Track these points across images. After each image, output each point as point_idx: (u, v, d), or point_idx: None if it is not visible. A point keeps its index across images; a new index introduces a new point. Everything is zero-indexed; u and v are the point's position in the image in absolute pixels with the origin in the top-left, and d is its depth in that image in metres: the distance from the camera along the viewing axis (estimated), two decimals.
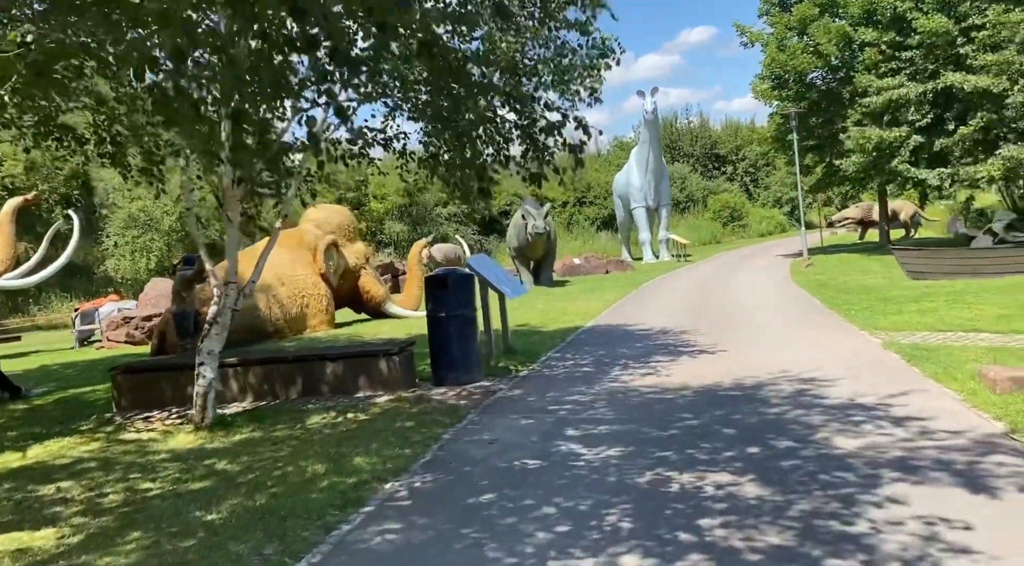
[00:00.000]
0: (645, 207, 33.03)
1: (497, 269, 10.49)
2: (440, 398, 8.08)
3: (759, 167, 57.51)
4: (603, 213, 45.08)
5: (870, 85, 22.86)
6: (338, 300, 17.21)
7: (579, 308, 16.27)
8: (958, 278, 14.66)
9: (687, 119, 60.08)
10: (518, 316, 15.39)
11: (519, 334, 12.59)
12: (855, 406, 6.17)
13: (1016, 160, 19.77)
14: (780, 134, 28.38)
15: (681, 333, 11.34)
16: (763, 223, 52.03)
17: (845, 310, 12.05)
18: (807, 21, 25.13)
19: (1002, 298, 11.72)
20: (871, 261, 22.48)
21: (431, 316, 8.78)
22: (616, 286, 21.50)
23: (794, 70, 25.58)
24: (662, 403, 6.95)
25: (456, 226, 38.10)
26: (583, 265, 29.32)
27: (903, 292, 13.64)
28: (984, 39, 20.64)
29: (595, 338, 11.79)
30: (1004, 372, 6.04)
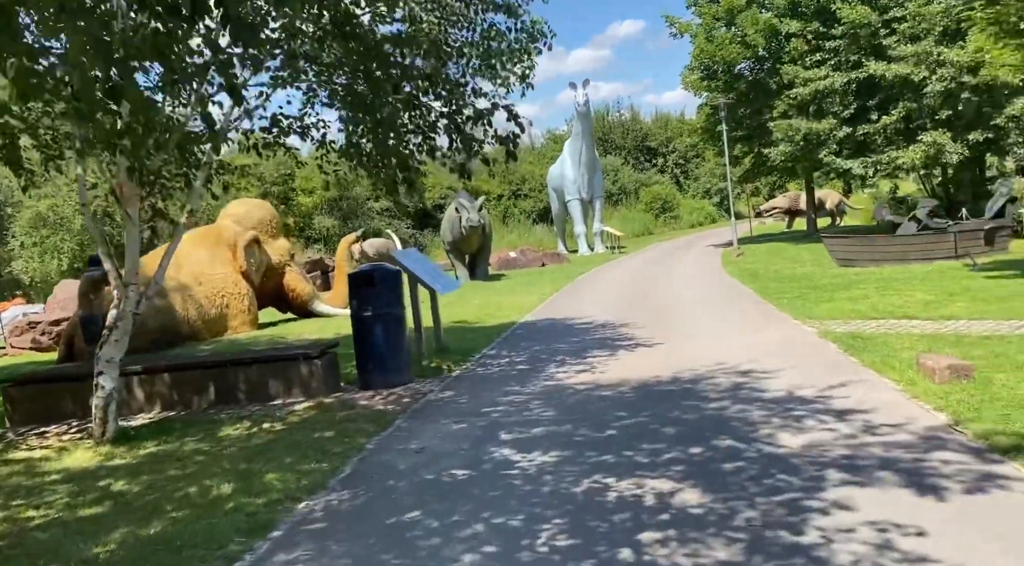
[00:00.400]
0: (579, 199, 32.95)
1: (427, 264, 10.03)
2: (366, 403, 7.61)
3: (689, 159, 58.32)
4: (538, 206, 44.91)
5: (796, 76, 23.17)
6: (261, 299, 16.45)
7: (515, 302, 15.93)
8: (885, 265, 14.89)
9: (619, 112, 60.50)
10: (453, 312, 14.96)
11: (453, 331, 12.17)
12: (795, 399, 5.97)
13: (936, 146, 20.30)
14: (710, 125, 28.62)
15: (618, 326, 11.10)
16: (694, 214, 52.80)
17: (778, 299, 12.03)
18: (735, 12, 25.33)
19: (928, 284, 11.88)
20: (800, 249, 22.83)
21: (355, 316, 8.27)
22: (552, 279, 21.27)
23: (723, 60, 25.77)
24: (599, 401, 6.65)
25: (388, 220, 37.29)
26: (519, 258, 29.03)
27: (833, 280, 13.75)
28: (905, 30, 21.11)
29: (531, 333, 11.46)
30: (942, 361, 5.93)
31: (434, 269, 10.07)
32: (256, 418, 7.34)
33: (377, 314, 8.14)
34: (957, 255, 14.77)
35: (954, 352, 6.81)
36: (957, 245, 14.81)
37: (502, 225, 43.15)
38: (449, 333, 11.64)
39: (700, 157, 57.76)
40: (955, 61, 19.99)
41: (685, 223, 50.81)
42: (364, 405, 7.50)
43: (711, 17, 26.34)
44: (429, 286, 9.41)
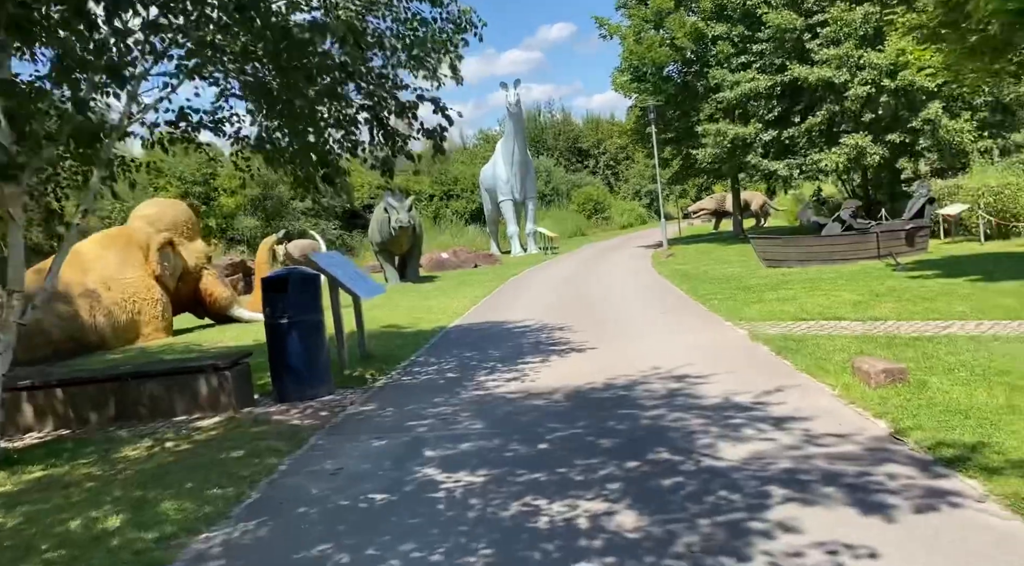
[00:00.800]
0: (512, 200, 32.71)
1: (349, 267, 9.51)
2: (280, 418, 7.07)
3: (619, 160, 58.95)
4: (471, 207, 44.49)
5: (723, 79, 23.43)
6: (177, 304, 15.56)
7: (446, 305, 15.50)
8: (811, 265, 15.06)
9: (550, 113, 60.67)
10: (380, 316, 14.44)
11: (380, 337, 11.67)
12: (732, 406, 5.76)
13: (858, 149, 20.79)
14: (639, 127, 28.78)
15: (551, 329, 10.81)
16: (625, 215, 53.31)
17: (709, 300, 11.96)
18: (663, 14, 25.49)
19: (854, 284, 12.00)
20: (728, 250, 23.09)
21: (269, 323, 7.72)
22: (485, 280, 20.91)
23: (652, 63, 25.89)
24: (531, 412, 6.30)
25: (314, 221, 36.28)
26: (451, 259, 28.58)
27: (761, 281, 13.80)
28: (828, 34, 21.56)
29: (462, 338, 11.06)
30: (877, 365, 5.80)
31: (357, 272, 9.56)
32: (158, 437, 6.73)
33: (292, 321, 7.60)
34: (880, 255, 15.06)
35: (886, 354, 6.74)
36: (880, 245, 15.10)
37: (434, 226, 42.57)
38: (375, 339, 11.15)
39: (630, 159, 58.45)
40: (875, 63, 20.52)
41: (616, 224, 51.24)
42: (278, 420, 6.96)
43: (640, 19, 26.44)
44: (350, 291, 8.90)
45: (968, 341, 7.01)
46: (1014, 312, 8.24)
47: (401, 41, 7.29)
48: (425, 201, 45.36)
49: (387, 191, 24.12)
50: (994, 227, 16.75)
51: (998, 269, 11.89)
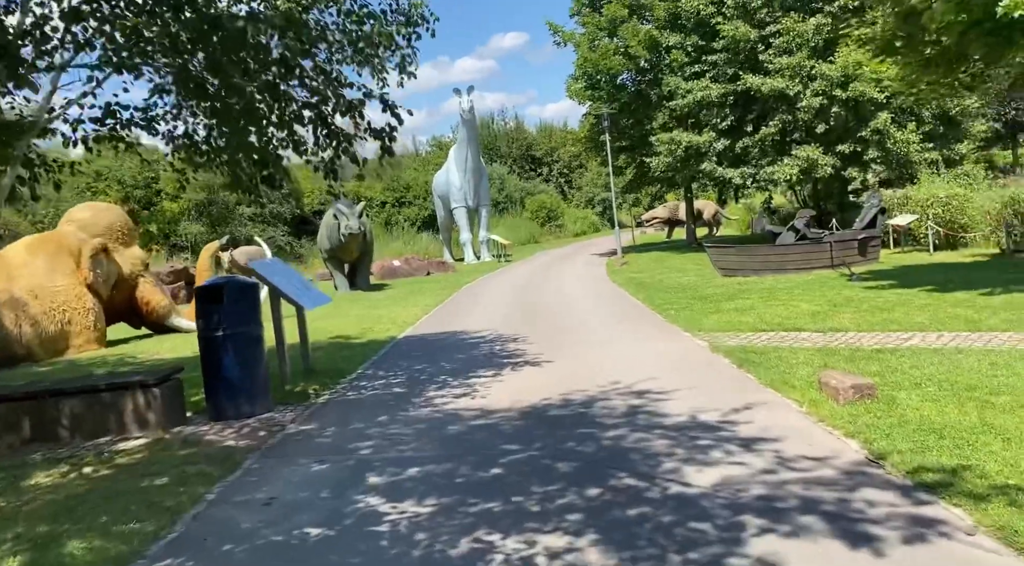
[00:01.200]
0: (465, 207, 32.31)
1: (292, 276, 8.99)
2: (213, 438, 6.54)
3: (573, 168, 59.01)
4: (423, 214, 43.96)
5: (677, 87, 23.45)
6: (111, 314, 14.77)
7: (397, 314, 15.01)
8: (766, 274, 15.00)
9: (504, 121, 60.46)
10: (327, 326, 13.89)
11: (327, 348, 11.15)
12: (697, 425, 5.45)
13: (809, 161, 20.96)
14: (593, 134, 28.68)
15: (505, 340, 10.43)
16: (578, 223, 53.32)
17: (666, 310, 11.74)
18: (617, 22, 25.45)
19: (811, 294, 11.91)
20: (682, 259, 23.06)
21: (203, 336, 7.17)
22: (437, 289, 20.45)
23: (606, 70, 25.82)
24: (484, 431, 5.91)
25: (262, 227, 35.32)
26: (403, 267, 28.02)
27: (717, 290, 13.66)
28: (780, 45, 21.74)
29: (412, 349, 10.60)
30: (845, 380, 5.57)
31: (301, 281, 9.04)
32: (76, 461, 6.14)
33: (229, 333, 7.07)
34: (833, 265, 15.08)
35: (849, 368, 6.54)
36: (833, 255, 15.12)
37: (386, 233, 41.90)
38: (320, 351, 10.63)
39: (583, 167, 58.56)
40: (827, 74, 20.73)
41: (569, 232, 51.19)
42: (210, 441, 6.43)
43: (594, 27, 26.38)
44: (293, 301, 8.39)
45: (932, 354, 6.85)
46: (972, 323, 8.16)
47: (347, 36, 6.85)
48: (377, 208, 44.67)
49: (337, 197, 23.49)
50: (942, 237, 16.97)
51: (950, 279, 11.93)
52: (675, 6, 24.30)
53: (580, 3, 27.86)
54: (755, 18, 22.32)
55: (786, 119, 21.88)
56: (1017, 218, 14.55)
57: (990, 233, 15.50)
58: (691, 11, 23.53)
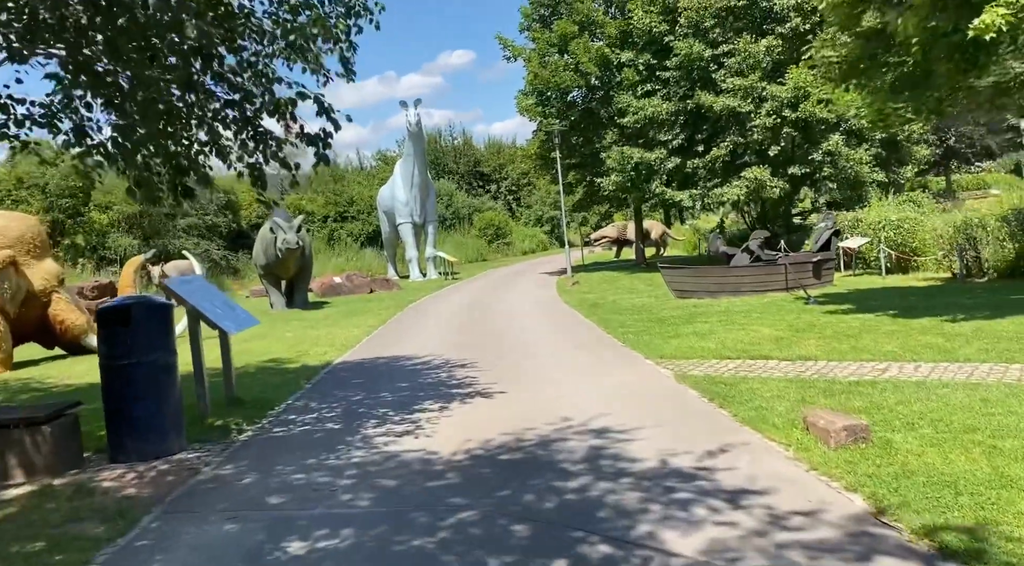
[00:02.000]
0: (411, 223, 31.45)
1: (214, 295, 8.07)
2: (111, 485, 5.60)
3: (521, 186, 58.68)
4: (368, 229, 42.85)
5: (629, 105, 23.14)
6: (19, 333, 13.48)
7: (336, 336, 14.09)
8: (721, 296, 14.60)
9: (451, 137, 59.82)
10: (259, 348, 12.91)
11: (256, 374, 10.20)
12: (671, 473, 4.79)
13: (758, 182, 20.81)
14: (544, 151, 28.21)
15: (452, 367, 9.66)
16: (526, 241, 52.91)
17: (622, 333, 11.15)
18: (568, 38, 25.10)
19: (770, 317, 11.48)
20: (632, 279, 22.66)
21: (105, 365, 6.23)
22: (380, 308, 19.54)
23: (557, 87, 25.42)
24: (429, 479, 5.13)
25: (196, 240, 33.76)
26: (344, 284, 26.98)
27: (674, 312, 13.15)
28: (733, 65, 21.62)
29: (350, 377, 9.74)
30: (835, 420, 4.98)
31: (224, 302, 8.12)
32: None
33: (135, 362, 6.15)
34: (788, 287, 14.76)
35: (830, 403, 5.99)
36: (788, 277, 14.82)
37: (328, 248, 40.70)
38: (248, 378, 9.70)
39: (532, 185, 58.29)
40: (777, 95, 20.66)
41: (518, 250, 50.71)
42: (107, 490, 5.49)
43: (544, 43, 25.98)
44: (213, 324, 7.47)
45: (915, 388, 6.36)
46: (947, 353, 7.75)
47: (280, 26, 6.05)
48: (319, 222, 43.42)
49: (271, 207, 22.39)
50: (894, 261, 16.87)
51: (909, 304, 11.65)
52: (627, 24, 24.08)
53: (530, 19, 27.49)
54: (708, 37, 22.19)
55: (737, 141, 21.74)
56: (970, 243, 14.47)
57: (943, 258, 15.40)
58: (643, 29, 23.31)
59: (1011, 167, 55.31)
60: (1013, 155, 53.45)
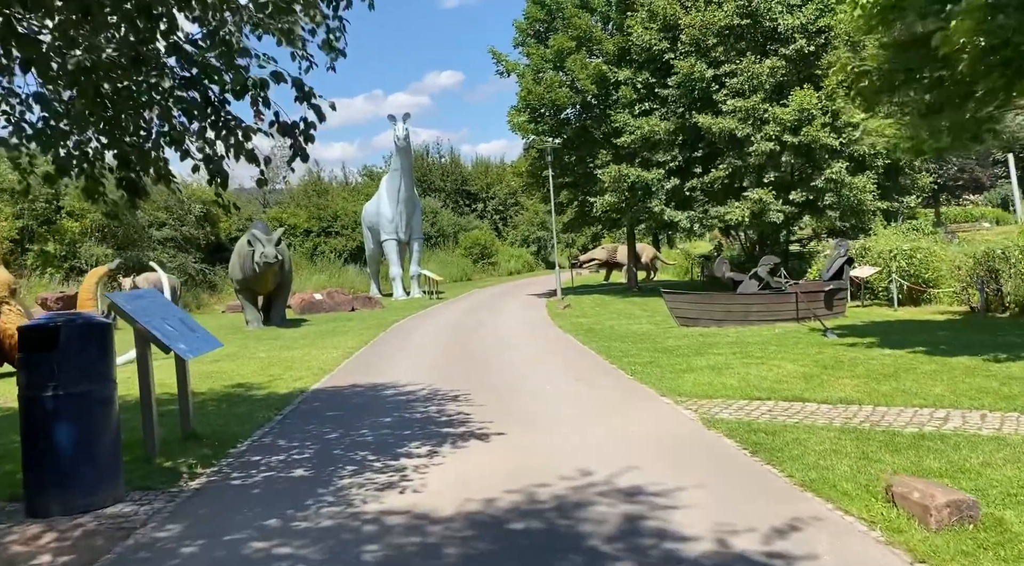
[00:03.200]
0: (396, 240, 30.39)
1: (170, 312, 6.94)
2: (21, 550, 4.47)
3: (508, 206, 57.83)
4: (351, 244, 41.68)
5: (626, 123, 22.32)
6: None
7: (312, 358, 12.96)
8: (727, 325, 13.66)
9: (439, 154, 58.93)
10: (228, 370, 11.78)
11: (220, 401, 9.08)
12: (736, 559, 3.75)
13: (761, 204, 20.00)
14: (535, 169, 27.34)
15: (441, 399, 8.59)
16: (512, 261, 51.96)
17: (628, 364, 10.14)
18: (564, 54, 24.32)
19: (790, 351, 10.52)
20: (626, 303, 21.71)
21: (24, 397, 5.12)
22: (362, 327, 18.42)
23: (551, 103, 24.60)
24: (418, 556, 4.06)
25: (173, 251, 32.44)
26: (325, 301, 25.83)
27: (680, 342, 12.17)
28: (734, 86, 20.88)
29: (325, 407, 8.63)
30: (934, 493, 3.98)
31: (182, 320, 7.00)
32: None
33: (63, 394, 5.05)
34: (799, 317, 13.87)
35: (899, 462, 5.01)
36: (799, 307, 13.91)
37: (310, 263, 39.48)
38: (211, 407, 8.57)
39: (519, 205, 57.45)
40: (780, 117, 19.93)
41: (503, 270, 49.72)
42: (14, 557, 4.36)
43: (539, 58, 25.20)
44: (166, 347, 6.36)
45: (993, 444, 5.39)
46: (1007, 398, 6.80)
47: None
48: (301, 236, 42.19)
49: (254, 221, 21.29)
50: (905, 292, 16.03)
51: (937, 340, 10.75)
52: (626, 40, 23.34)
53: (524, 34, 26.72)
54: (710, 56, 21.46)
55: (736, 164, 20.94)
56: (991, 275, 13.65)
57: (962, 290, 14.56)
58: (643, 46, 22.56)
59: (997, 201, 55.31)
60: (1002, 188, 53.39)
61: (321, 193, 48.09)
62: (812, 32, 21.04)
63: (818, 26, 21.01)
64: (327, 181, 52.65)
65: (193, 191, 36.80)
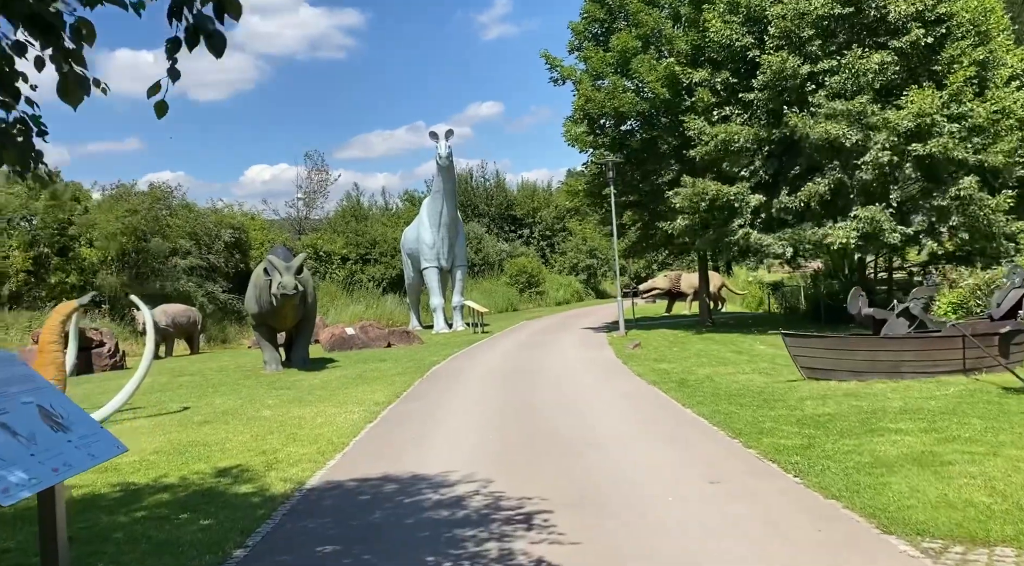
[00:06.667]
0: (438, 267, 27.53)
1: (19, 397, 3.91)
2: None
3: (556, 231, 54.83)
4: (391, 273, 39.05)
5: (702, 132, 19.10)
6: None
7: (326, 421, 9.96)
8: (872, 379, 10.28)
9: (483, 177, 56.25)
10: (214, 439, 8.84)
11: (169, 506, 6.06)
12: None
13: (875, 223, 16.54)
14: (593, 188, 24.24)
15: (503, 521, 5.43)
16: (560, 290, 48.82)
17: (776, 451, 6.87)
18: (628, 55, 21.31)
19: (1003, 425, 7.13)
20: (707, 342, 18.33)
21: None
22: (395, 371, 15.41)
23: (613, 111, 21.55)
24: None
25: (199, 281, 30.03)
26: (357, 337, 22.96)
27: (825, 407, 8.84)
28: (834, 85, 17.57)
29: (324, 528, 5.53)
30: None
31: (44, 409, 3.96)
32: None
33: None
34: (966, 368, 10.42)
35: None
36: (966, 354, 10.46)
37: (345, 294, 36.85)
38: (147, 518, 5.52)
39: (567, 231, 54.39)
40: (896, 123, 16.55)
41: (551, 299, 46.58)
42: None
43: (599, 62, 22.21)
44: None
45: None
46: None
47: None
48: (338, 263, 39.70)
49: (274, 247, 18.55)
50: None
51: None
52: (701, 37, 20.20)
53: (582, 36, 23.81)
54: (805, 50, 18.19)
55: (839, 178, 17.53)
56: None
57: None
58: (722, 42, 19.38)
59: None
60: None
61: (360, 218, 45.74)
62: (930, 20, 17.68)
63: (937, 13, 17.65)
64: (367, 207, 50.41)
65: (222, 216, 34.67)
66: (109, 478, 7.28)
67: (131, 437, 9.54)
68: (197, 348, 25.74)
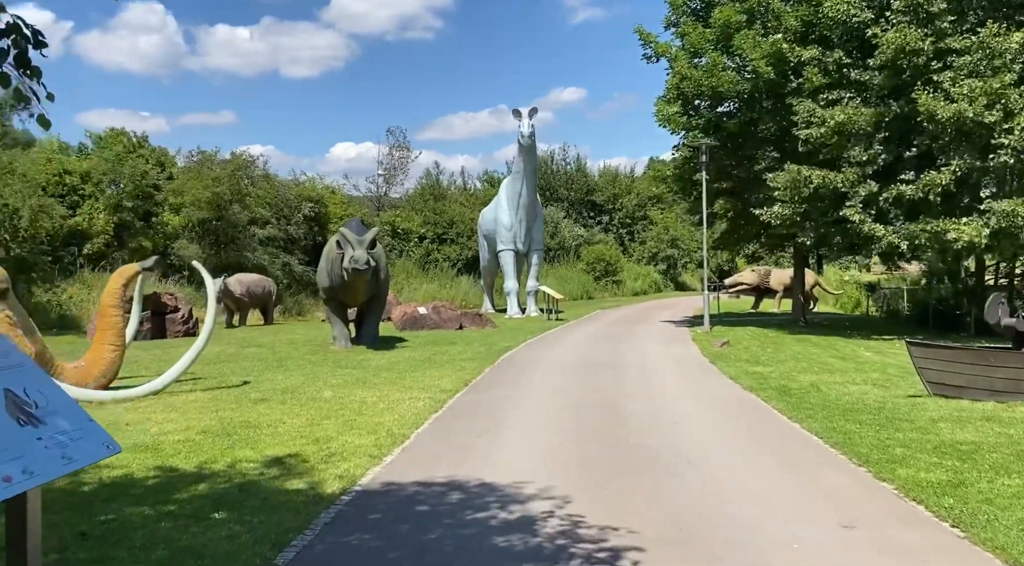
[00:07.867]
0: (514, 250, 26.60)
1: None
2: None
3: (636, 219, 53.18)
4: (467, 254, 38.39)
5: (812, 114, 17.46)
6: None
7: (389, 406, 9.18)
8: (1016, 400, 8.79)
9: (564, 161, 54.92)
10: (267, 420, 8.12)
11: (198, 502, 5.30)
12: None
13: (1010, 219, 14.68)
14: (683, 173, 22.79)
15: (575, 541, 4.44)
16: (639, 280, 47.29)
17: (919, 487, 5.65)
18: (731, 31, 19.75)
19: None
20: (803, 343, 16.83)
21: None
22: (465, 356, 14.60)
23: (711, 90, 20.05)
24: None
25: (275, 251, 29.97)
26: (430, 317, 22.27)
27: (965, 433, 7.48)
28: (964, 65, 15.69)
29: (367, 546, 4.66)
30: None
31: (8, 394, 3.18)
32: None
33: None
34: None
35: None
36: None
37: (421, 272, 36.41)
38: (174, 514, 4.74)
39: (648, 219, 52.70)
40: None
41: (628, 289, 45.11)
42: None
43: (698, 37, 20.70)
44: None
45: None
46: None
47: None
48: (414, 242, 39.30)
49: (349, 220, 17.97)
50: None
51: None
52: (813, 13, 18.47)
53: (679, 11, 22.30)
54: (934, 25, 16.33)
55: (969, 164, 15.68)
56: None
57: None
58: (837, 18, 17.65)
59: None
60: None
61: (439, 198, 45.25)
62: None
63: None
64: (445, 186, 49.90)
65: (303, 189, 34.65)
66: (148, 460, 6.63)
67: (183, 412, 8.97)
68: (271, 319, 25.62)
